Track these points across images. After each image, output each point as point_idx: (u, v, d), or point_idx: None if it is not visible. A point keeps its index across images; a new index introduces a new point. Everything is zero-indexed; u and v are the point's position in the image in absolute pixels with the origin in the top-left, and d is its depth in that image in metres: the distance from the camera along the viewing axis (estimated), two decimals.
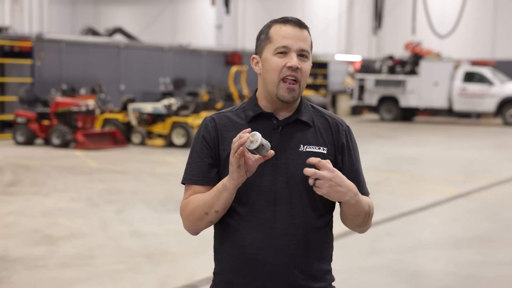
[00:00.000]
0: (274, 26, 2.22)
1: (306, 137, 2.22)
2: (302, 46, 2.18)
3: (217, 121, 2.25)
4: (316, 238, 2.21)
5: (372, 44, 34.07)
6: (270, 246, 2.16)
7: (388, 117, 25.44)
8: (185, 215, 2.24)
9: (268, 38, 2.22)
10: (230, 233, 2.21)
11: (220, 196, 2.13)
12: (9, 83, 18.21)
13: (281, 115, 2.24)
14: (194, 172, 2.24)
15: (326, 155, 2.22)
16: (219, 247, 2.27)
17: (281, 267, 2.17)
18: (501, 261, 6.53)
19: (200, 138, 2.25)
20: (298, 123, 2.24)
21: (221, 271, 2.26)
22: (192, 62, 24.05)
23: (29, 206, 8.64)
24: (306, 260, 2.19)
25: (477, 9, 31.52)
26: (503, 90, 23.78)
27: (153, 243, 6.90)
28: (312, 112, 2.28)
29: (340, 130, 2.28)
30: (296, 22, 2.20)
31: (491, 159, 14.60)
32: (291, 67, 2.16)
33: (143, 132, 15.86)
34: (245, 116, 2.25)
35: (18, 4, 27.62)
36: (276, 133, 2.21)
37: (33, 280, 5.69)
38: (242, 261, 2.19)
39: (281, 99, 2.18)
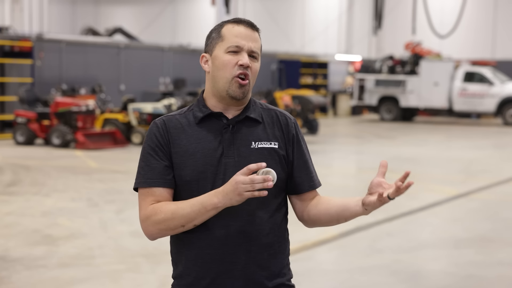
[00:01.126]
0: (227, 25, 2.23)
1: (257, 134, 2.24)
2: (253, 46, 2.21)
3: (167, 124, 2.25)
4: (271, 234, 2.22)
5: (372, 44, 34.07)
6: (228, 245, 2.17)
7: (388, 117, 25.44)
8: (152, 223, 2.19)
9: (220, 37, 2.23)
10: (187, 235, 2.21)
11: (206, 213, 2.13)
12: (9, 83, 18.21)
13: (230, 114, 2.25)
14: (149, 174, 2.22)
15: (277, 149, 2.24)
16: (176, 251, 2.27)
17: (240, 264, 2.18)
18: (501, 261, 6.53)
19: (154, 140, 2.23)
20: (248, 121, 2.25)
21: (180, 274, 2.25)
22: (192, 62, 24.04)
23: (29, 206, 8.64)
24: (263, 256, 2.20)
25: (477, 9, 31.51)
26: (503, 90, 23.78)
27: (153, 243, 6.89)
28: (260, 109, 2.30)
29: (289, 123, 2.30)
30: (248, 23, 2.23)
31: (491, 159, 14.60)
32: (243, 65, 2.18)
33: (143, 132, 15.86)
34: (194, 117, 2.25)
35: (18, 4, 27.61)
36: (227, 132, 2.22)
37: (33, 280, 5.69)
38: (200, 262, 2.19)
39: (232, 94, 2.19)
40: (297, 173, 2.29)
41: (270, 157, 2.22)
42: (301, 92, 25.56)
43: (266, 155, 2.22)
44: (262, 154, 2.21)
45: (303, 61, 28.21)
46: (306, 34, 34.09)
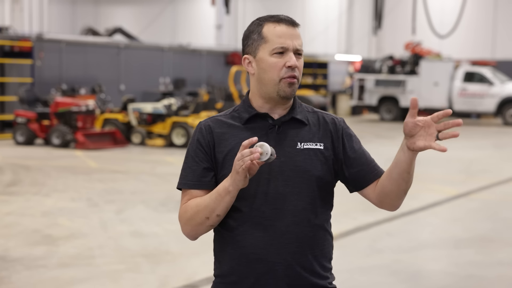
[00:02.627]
0: (267, 25, 2.21)
1: (302, 135, 2.23)
2: (297, 44, 2.20)
3: (211, 125, 2.25)
4: (316, 235, 2.22)
5: (372, 44, 34.06)
6: (272, 245, 2.17)
7: (388, 117, 25.44)
8: (185, 221, 2.23)
9: (263, 38, 2.20)
10: (231, 234, 2.21)
11: (222, 200, 2.13)
12: (9, 83, 18.21)
13: (276, 114, 2.24)
14: (189, 176, 2.25)
15: (323, 150, 2.23)
16: (220, 249, 2.26)
17: (284, 265, 2.17)
18: (501, 261, 6.53)
19: (195, 142, 2.25)
20: (294, 122, 2.24)
21: (223, 273, 2.25)
22: (192, 62, 24.05)
23: (29, 206, 8.64)
24: (307, 258, 2.20)
25: (477, 9, 31.51)
26: (503, 90, 23.78)
27: (153, 243, 6.90)
28: (306, 111, 2.29)
29: (336, 123, 2.29)
30: (289, 21, 2.21)
31: (491, 159, 14.60)
32: (291, 66, 2.17)
33: (143, 132, 15.86)
34: (239, 118, 2.25)
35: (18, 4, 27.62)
36: (272, 132, 2.21)
37: (33, 280, 5.69)
38: (244, 261, 2.19)
39: (282, 95, 2.19)
40: (357, 167, 2.26)
41: (315, 158, 2.21)
42: (301, 92, 25.59)
43: (312, 156, 2.21)
44: (308, 155, 2.20)
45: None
46: (306, 34, 34.08)
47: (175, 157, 13.80)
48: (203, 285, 5.61)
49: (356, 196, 2.68)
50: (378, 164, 2.34)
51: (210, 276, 5.83)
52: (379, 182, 2.26)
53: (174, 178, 11.07)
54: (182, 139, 15.44)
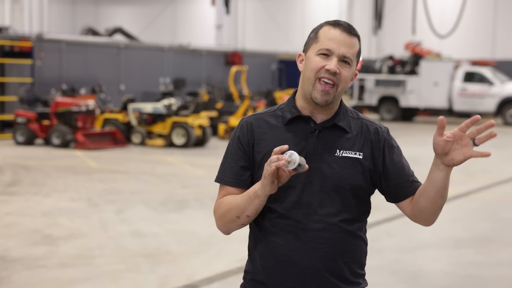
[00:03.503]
0: (325, 27, 2.22)
1: (342, 143, 2.22)
2: (346, 52, 2.17)
3: (253, 123, 2.25)
4: (348, 242, 2.21)
5: (372, 44, 34.06)
6: (302, 248, 2.17)
7: (388, 117, 25.43)
8: (218, 216, 2.25)
9: (316, 38, 2.22)
10: (264, 234, 2.22)
11: (252, 202, 2.14)
12: (9, 83, 18.21)
13: (319, 118, 2.23)
14: (227, 172, 2.25)
15: (362, 160, 2.22)
16: (253, 247, 2.28)
17: (312, 269, 2.18)
18: (501, 261, 6.53)
19: (236, 140, 2.26)
20: (335, 128, 2.23)
21: (253, 270, 2.27)
22: (192, 62, 24.04)
23: (29, 206, 8.64)
24: (337, 264, 2.20)
25: (477, 9, 31.51)
26: (503, 90, 23.78)
27: (153, 243, 6.90)
28: (350, 118, 2.28)
29: (379, 132, 2.27)
30: (346, 27, 2.20)
31: (491, 159, 14.59)
32: (329, 70, 2.15)
33: (143, 132, 15.86)
34: (282, 118, 2.24)
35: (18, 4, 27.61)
36: (312, 136, 2.21)
37: (33, 280, 5.69)
38: (273, 262, 2.20)
39: (314, 100, 2.18)
40: (394, 180, 2.25)
41: (353, 166, 2.20)
42: None
43: (350, 164, 2.20)
44: (346, 163, 2.19)
45: None
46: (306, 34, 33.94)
47: (175, 157, 13.80)
48: (203, 285, 5.61)
49: None
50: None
51: (210, 276, 5.84)
52: (415, 203, 2.25)
53: (174, 178, 11.08)
54: (182, 139, 15.44)
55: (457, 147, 2.08)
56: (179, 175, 11.49)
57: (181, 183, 10.55)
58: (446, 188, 2.21)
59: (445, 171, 2.16)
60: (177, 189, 10.05)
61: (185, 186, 10.31)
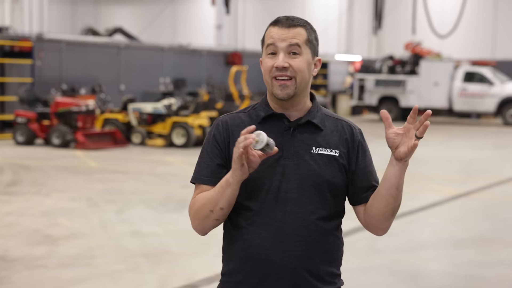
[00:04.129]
0: (268, 28, 2.25)
1: (318, 140, 2.23)
2: (289, 43, 2.18)
3: (229, 122, 2.26)
4: (325, 240, 2.22)
5: (372, 44, 34.06)
6: (279, 247, 2.17)
7: None
8: (193, 214, 2.24)
9: (263, 41, 2.25)
10: (239, 233, 2.21)
11: (224, 192, 2.13)
12: (9, 83, 18.21)
13: (292, 116, 2.24)
14: (203, 171, 2.25)
15: (338, 157, 2.23)
16: (228, 247, 2.27)
17: (289, 267, 2.17)
18: (501, 261, 6.53)
19: (211, 138, 2.26)
20: (309, 125, 2.24)
21: (229, 271, 2.26)
22: (192, 62, 24.04)
23: (29, 206, 8.64)
24: (314, 262, 2.20)
25: (477, 9, 31.51)
26: (503, 90, 23.78)
27: (153, 243, 6.90)
28: (324, 116, 2.29)
29: (354, 133, 2.29)
30: (284, 21, 2.21)
31: (491, 159, 14.60)
32: (277, 67, 2.18)
33: (143, 132, 15.86)
34: (256, 116, 2.26)
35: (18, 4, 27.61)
36: (287, 134, 2.22)
37: (33, 280, 5.69)
38: (250, 261, 2.19)
39: (277, 97, 2.20)
40: (360, 183, 2.27)
41: (330, 164, 2.21)
42: None
43: (326, 162, 2.21)
44: (322, 160, 2.20)
45: None
46: None
47: (175, 157, 13.80)
48: (203, 285, 5.61)
49: None
50: (379, 163, 2.34)
51: (210, 276, 5.83)
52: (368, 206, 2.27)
53: (174, 178, 11.07)
54: (182, 139, 15.44)
55: (405, 139, 2.14)
56: (179, 175, 11.48)
57: (181, 183, 10.55)
58: (398, 188, 2.19)
59: (397, 167, 2.16)
60: (177, 189, 10.05)
61: (185, 186, 10.31)
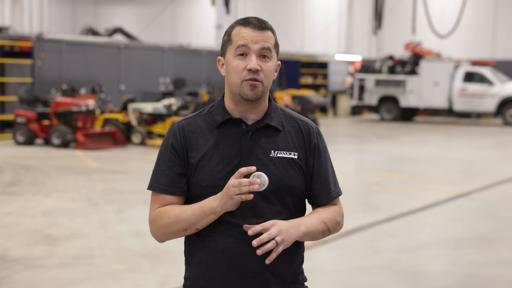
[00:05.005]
0: (236, 27, 2.20)
1: (276, 143, 2.21)
2: (262, 46, 2.17)
3: (185, 128, 2.22)
4: None
5: (372, 44, 34.06)
6: (242, 251, 2.16)
7: (388, 117, 25.44)
8: (158, 226, 2.22)
9: (230, 40, 2.20)
10: (202, 239, 2.21)
11: (206, 217, 2.13)
12: (9, 83, 18.21)
13: (250, 119, 2.21)
14: (161, 180, 2.22)
15: (296, 159, 2.21)
16: (191, 252, 2.27)
17: (254, 272, 2.17)
18: (501, 261, 6.53)
19: (169, 147, 2.22)
20: (268, 129, 2.22)
21: (193, 276, 2.26)
22: (192, 62, 24.04)
23: (29, 206, 8.64)
24: (277, 264, 2.19)
25: (477, 9, 31.51)
26: (503, 90, 23.78)
27: (153, 243, 6.89)
28: (281, 116, 2.26)
29: (311, 133, 2.27)
30: (256, 23, 2.19)
31: (491, 159, 14.60)
32: (251, 69, 2.15)
33: (143, 132, 15.86)
34: (213, 121, 2.22)
35: (18, 4, 27.62)
36: (245, 138, 2.19)
37: (33, 280, 5.69)
38: (214, 267, 2.19)
39: (244, 97, 2.16)
40: (315, 185, 2.27)
41: (289, 167, 2.20)
42: (301, 92, 25.56)
43: (286, 165, 2.19)
44: (281, 164, 2.19)
45: (303, 61, 28.20)
46: (306, 34, 34.10)
47: None
48: None
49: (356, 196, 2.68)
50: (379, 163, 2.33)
51: None
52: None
53: None
54: None
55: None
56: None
57: None
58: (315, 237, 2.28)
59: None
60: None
61: None
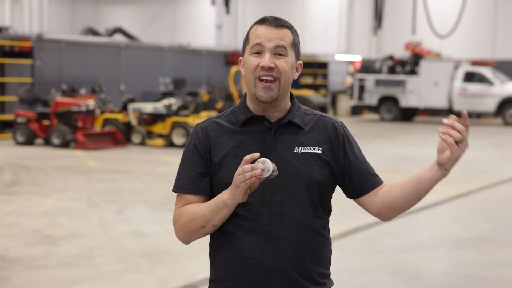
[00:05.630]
0: (253, 27, 2.21)
1: (300, 139, 2.20)
2: (276, 44, 2.16)
3: (208, 128, 2.22)
4: (314, 241, 2.19)
5: (372, 44, 34.06)
6: (269, 250, 2.14)
7: (388, 117, 25.44)
8: (179, 226, 2.22)
9: (248, 39, 2.22)
10: (227, 239, 2.19)
11: (219, 212, 2.11)
12: (9, 83, 18.21)
13: (273, 117, 2.21)
14: (184, 180, 2.22)
15: (321, 155, 2.20)
16: (216, 253, 2.25)
17: (280, 271, 2.14)
18: (501, 261, 6.53)
19: (192, 147, 2.22)
20: (290, 125, 2.21)
21: (218, 278, 2.24)
22: (192, 62, 24.04)
23: (29, 206, 8.64)
24: (304, 264, 2.17)
25: (477, 9, 31.51)
26: (503, 90, 23.78)
27: (153, 243, 6.90)
28: (304, 114, 2.26)
29: (336, 127, 2.25)
30: (272, 21, 2.18)
31: (491, 159, 14.60)
32: (264, 66, 2.14)
33: (143, 132, 15.86)
34: (236, 120, 2.22)
35: (18, 4, 27.61)
36: (269, 135, 2.19)
37: (33, 280, 5.69)
38: (240, 266, 2.17)
39: (259, 99, 2.16)
40: (357, 174, 2.24)
41: (313, 162, 2.18)
42: (301, 92, 25.58)
43: (310, 160, 2.18)
44: (306, 159, 2.17)
45: (303, 61, 27.93)
46: (306, 34, 34.08)
47: (175, 157, 13.79)
48: (203, 285, 5.61)
49: None
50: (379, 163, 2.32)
51: None
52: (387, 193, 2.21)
53: (174, 178, 11.04)
54: (182, 139, 15.44)
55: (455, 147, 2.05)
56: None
57: None
58: (428, 192, 2.16)
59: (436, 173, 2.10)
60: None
61: None
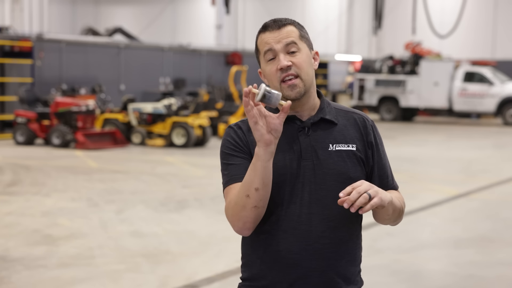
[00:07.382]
0: (259, 37, 2.23)
1: (333, 136, 2.19)
2: (285, 43, 2.17)
3: (242, 127, 2.22)
4: (350, 240, 2.19)
5: (372, 44, 34.07)
6: (307, 250, 2.13)
7: (388, 117, 25.44)
8: (231, 213, 2.13)
9: (258, 50, 2.24)
10: (263, 238, 2.16)
11: (255, 168, 2.05)
12: (9, 83, 18.21)
13: (304, 115, 2.21)
14: (234, 171, 2.16)
15: (355, 151, 2.19)
16: (250, 253, 2.21)
17: (318, 270, 2.13)
18: (501, 261, 6.53)
19: (231, 142, 2.19)
20: (323, 122, 2.21)
21: (252, 276, 2.20)
22: (192, 62, 24.04)
23: (29, 206, 8.64)
24: (341, 263, 2.17)
25: (477, 9, 31.52)
26: (503, 90, 23.78)
27: (153, 243, 6.90)
28: (334, 110, 2.25)
29: (367, 125, 2.26)
30: (273, 24, 2.20)
31: (491, 159, 14.60)
32: (282, 68, 2.15)
33: (143, 132, 15.86)
34: None
35: (18, 4, 27.61)
36: (302, 134, 2.18)
37: (33, 280, 5.69)
38: (277, 266, 2.15)
39: (289, 98, 2.16)
40: (377, 177, 2.24)
41: (348, 159, 2.17)
42: None
43: (345, 157, 2.17)
44: (341, 157, 2.16)
45: None
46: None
47: (175, 157, 13.80)
48: (203, 285, 5.61)
49: None
50: None
51: (210, 276, 5.83)
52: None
53: (174, 178, 11.07)
54: (182, 139, 15.44)
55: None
56: (179, 175, 11.49)
57: (181, 183, 10.55)
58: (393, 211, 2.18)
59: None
60: (177, 189, 10.05)
61: (185, 186, 10.31)
